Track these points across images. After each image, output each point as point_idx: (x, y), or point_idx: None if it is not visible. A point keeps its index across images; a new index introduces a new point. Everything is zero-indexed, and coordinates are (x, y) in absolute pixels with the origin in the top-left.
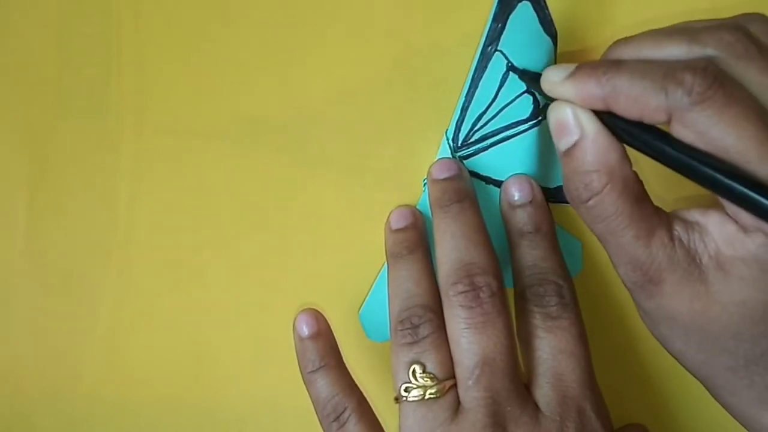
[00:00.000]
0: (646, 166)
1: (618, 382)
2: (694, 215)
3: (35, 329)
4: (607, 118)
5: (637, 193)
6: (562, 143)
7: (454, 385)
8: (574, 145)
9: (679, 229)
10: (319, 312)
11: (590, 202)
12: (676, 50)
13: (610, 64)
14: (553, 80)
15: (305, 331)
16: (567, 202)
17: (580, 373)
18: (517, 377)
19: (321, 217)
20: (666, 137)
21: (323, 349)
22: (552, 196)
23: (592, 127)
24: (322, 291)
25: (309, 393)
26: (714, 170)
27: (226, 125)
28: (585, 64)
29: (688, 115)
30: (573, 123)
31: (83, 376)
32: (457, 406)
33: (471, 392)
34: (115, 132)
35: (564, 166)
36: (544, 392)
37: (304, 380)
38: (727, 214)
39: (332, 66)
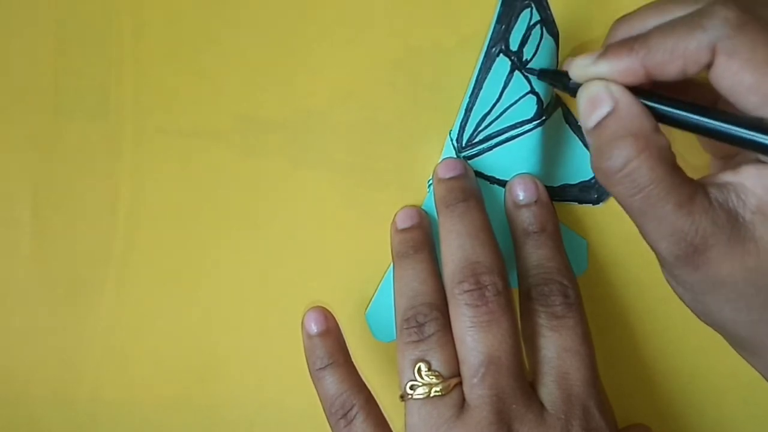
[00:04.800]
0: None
1: (622, 382)
2: (724, 177)
3: (40, 332)
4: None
5: (672, 162)
6: (593, 117)
7: (460, 383)
8: (607, 115)
9: (714, 192)
10: (327, 310)
11: (627, 168)
12: (681, 12)
13: (636, 36)
14: (585, 63)
15: (314, 328)
16: (572, 201)
17: (585, 371)
18: (522, 376)
19: (324, 219)
20: (702, 109)
21: (331, 346)
22: (557, 194)
23: (624, 95)
24: (328, 292)
25: (317, 390)
26: (753, 129)
27: (228, 126)
28: (612, 43)
29: (732, 42)
30: (606, 94)
31: (88, 379)
32: (462, 403)
33: (476, 390)
34: (117, 133)
35: (594, 140)
36: (549, 390)
37: (312, 377)
38: (763, 162)
39: (334, 67)
